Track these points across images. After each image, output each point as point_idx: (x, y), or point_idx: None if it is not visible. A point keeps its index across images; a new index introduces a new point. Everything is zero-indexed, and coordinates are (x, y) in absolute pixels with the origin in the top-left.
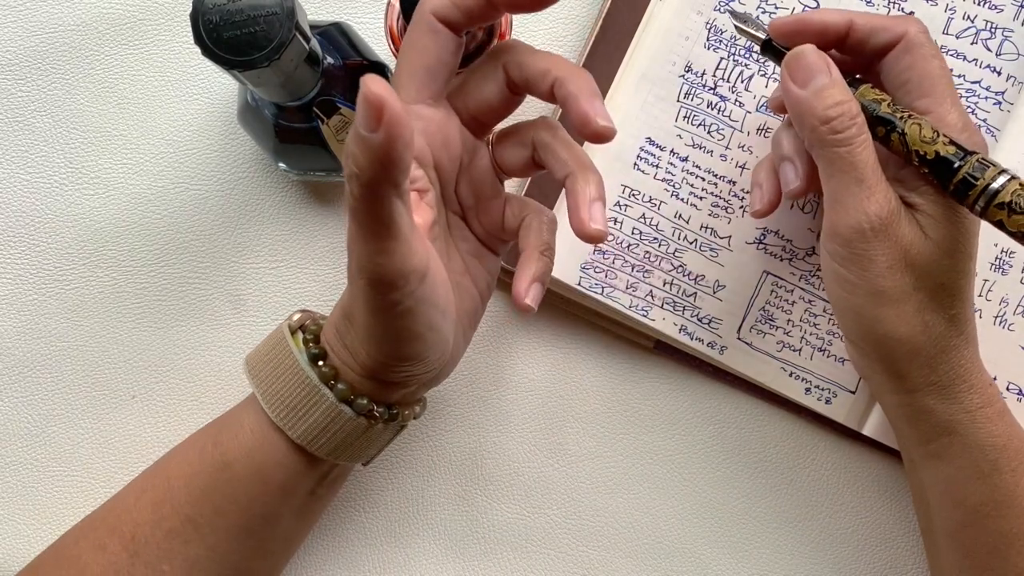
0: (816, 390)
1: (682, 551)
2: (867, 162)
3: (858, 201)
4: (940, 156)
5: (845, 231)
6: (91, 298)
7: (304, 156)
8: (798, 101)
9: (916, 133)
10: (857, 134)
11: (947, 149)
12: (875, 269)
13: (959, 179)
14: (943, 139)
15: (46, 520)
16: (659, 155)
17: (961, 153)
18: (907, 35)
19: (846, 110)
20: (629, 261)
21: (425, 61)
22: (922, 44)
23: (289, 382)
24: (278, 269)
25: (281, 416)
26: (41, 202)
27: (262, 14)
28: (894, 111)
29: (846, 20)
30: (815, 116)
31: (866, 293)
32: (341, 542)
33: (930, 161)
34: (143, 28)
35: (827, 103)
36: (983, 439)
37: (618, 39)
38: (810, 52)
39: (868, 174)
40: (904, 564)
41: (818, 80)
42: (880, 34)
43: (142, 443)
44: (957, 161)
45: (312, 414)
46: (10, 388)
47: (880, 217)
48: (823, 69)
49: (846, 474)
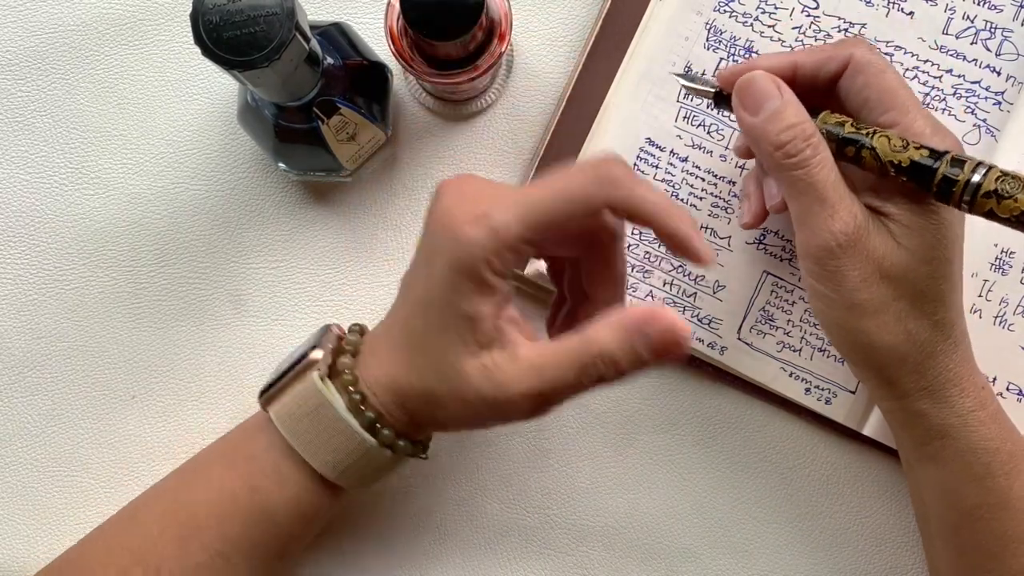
0: (816, 390)
1: (682, 551)
2: (825, 181)
3: (821, 221)
4: (915, 162)
5: (814, 251)
6: (91, 298)
7: (304, 156)
8: (751, 129)
9: (886, 145)
10: (812, 155)
11: (920, 153)
12: (849, 284)
13: (939, 179)
14: (913, 145)
15: (46, 520)
16: (659, 155)
17: (935, 155)
18: (853, 58)
19: (798, 132)
20: (629, 261)
21: (562, 226)
22: (870, 62)
23: (336, 438)
24: (278, 269)
25: (332, 472)
26: (41, 202)
27: (262, 14)
28: (859, 129)
29: (790, 61)
30: (768, 142)
31: (844, 307)
32: (341, 542)
33: (906, 169)
34: (143, 28)
35: (779, 127)
36: (976, 442)
37: (618, 39)
38: (759, 77)
39: (828, 193)
40: (904, 564)
41: (769, 105)
42: (827, 64)
43: (142, 443)
44: (933, 163)
45: (359, 463)
46: (10, 388)
47: (845, 234)
48: (773, 93)
49: (846, 474)
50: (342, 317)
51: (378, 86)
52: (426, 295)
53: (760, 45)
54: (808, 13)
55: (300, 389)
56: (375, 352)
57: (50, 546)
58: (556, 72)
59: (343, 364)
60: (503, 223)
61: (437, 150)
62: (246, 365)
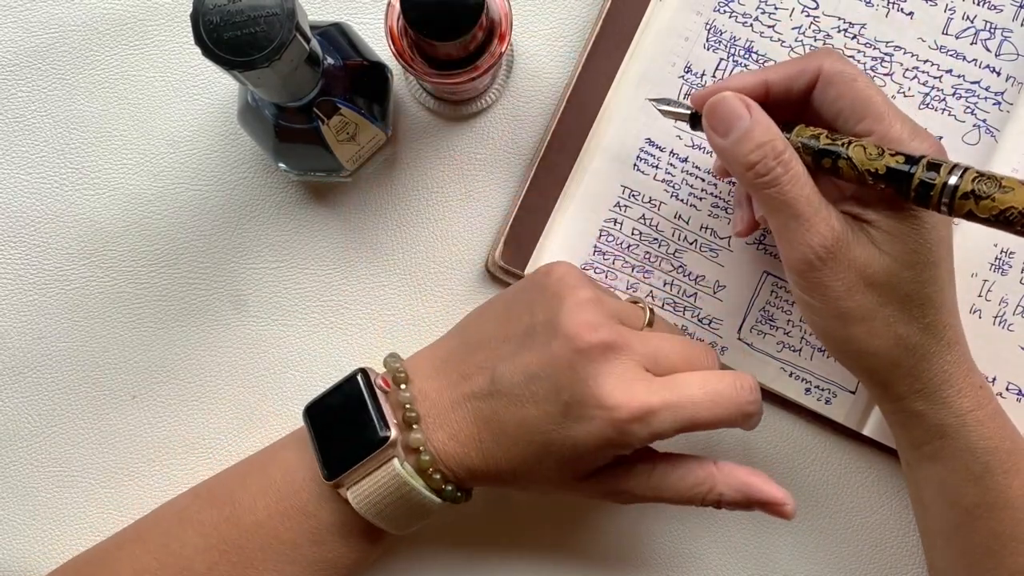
0: (816, 390)
1: (682, 551)
2: (799, 197)
3: (799, 235)
4: (891, 168)
5: (795, 264)
6: (91, 298)
7: (304, 156)
8: (722, 151)
9: (861, 154)
10: (783, 172)
11: (896, 160)
12: (833, 294)
13: (917, 184)
14: (888, 152)
15: (46, 520)
16: (659, 156)
17: (910, 160)
18: (823, 69)
19: (767, 151)
20: (629, 262)
21: None
22: (840, 72)
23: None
24: (278, 269)
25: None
26: (41, 202)
27: (262, 14)
28: (833, 140)
29: (760, 80)
30: (739, 163)
31: (831, 316)
32: None
33: (883, 176)
34: (143, 28)
35: (748, 148)
36: (974, 442)
37: (618, 39)
38: (726, 99)
39: (803, 208)
40: (904, 564)
41: (739, 125)
42: (798, 79)
43: (142, 443)
44: (909, 168)
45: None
46: (10, 388)
47: (824, 247)
48: (741, 114)
49: (846, 474)
50: (342, 317)
51: (378, 86)
52: (539, 429)
53: (760, 45)
54: (808, 13)
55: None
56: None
57: (50, 546)
58: (556, 72)
59: (415, 441)
60: (661, 429)
61: (437, 150)
62: (246, 365)
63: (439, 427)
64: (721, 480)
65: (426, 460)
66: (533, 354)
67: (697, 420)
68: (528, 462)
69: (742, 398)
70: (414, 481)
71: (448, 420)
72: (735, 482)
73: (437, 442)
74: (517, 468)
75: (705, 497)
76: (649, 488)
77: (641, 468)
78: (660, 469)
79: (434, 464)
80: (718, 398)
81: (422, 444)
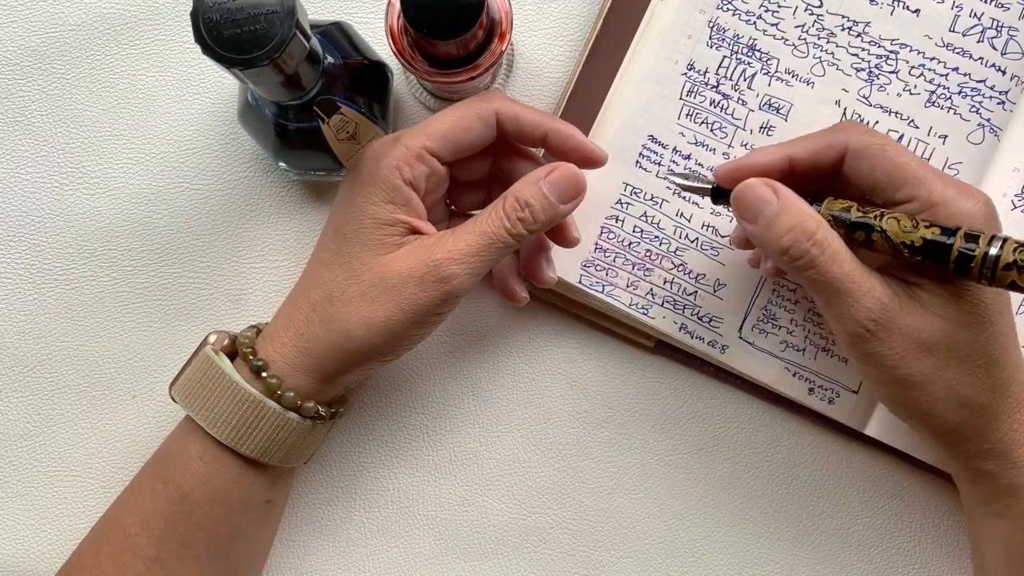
0: (819, 390)
1: (682, 551)
2: (839, 274)
3: (844, 311)
4: (928, 240)
5: (845, 338)
6: (91, 298)
7: (304, 156)
8: (754, 237)
9: (896, 227)
10: (819, 253)
11: (932, 232)
12: (888, 362)
13: (956, 257)
14: (924, 224)
15: (46, 520)
16: (661, 153)
17: (948, 232)
18: (849, 145)
19: (799, 234)
20: (630, 259)
21: (462, 138)
22: (868, 146)
23: (231, 401)
24: (278, 269)
25: (230, 436)
26: (41, 202)
27: (263, 12)
28: (866, 213)
29: (784, 155)
30: (772, 249)
31: (890, 383)
32: (341, 542)
33: (920, 248)
34: (143, 28)
35: (778, 234)
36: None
37: (619, 37)
38: (752, 186)
39: (846, 284)
40: (904, 564)
41: (765, 212)
42: (824, 154)
43: (142, 443)
44: (946, 240)
45: (261, 428)
46: (10, 388)
47: (872, 320)
48: (768, 199)
49: (848, 474)
50: None
51: (379, 85)
52: (343, 220)
53: (763, 43)
54: (811, 11)
55: (195, 363)
56: (277, 325)
57: (49, 546)
58: (557, 71)
59: (243, 338)
60: (409, 137)
61: None
62: None
63: (275, 329)
64: None
65: (247, 349)
66: None
67: (442, 125)
68: (346, 249)
69: (488, 94)
70: (217, 358)
71: (282, 315)
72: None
73: (268, 339)
74: (343, 271)
75: None
76: (463, 231)
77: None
78: None
79: (255, 353)
80: (464, 104)
81: (248, 340)
